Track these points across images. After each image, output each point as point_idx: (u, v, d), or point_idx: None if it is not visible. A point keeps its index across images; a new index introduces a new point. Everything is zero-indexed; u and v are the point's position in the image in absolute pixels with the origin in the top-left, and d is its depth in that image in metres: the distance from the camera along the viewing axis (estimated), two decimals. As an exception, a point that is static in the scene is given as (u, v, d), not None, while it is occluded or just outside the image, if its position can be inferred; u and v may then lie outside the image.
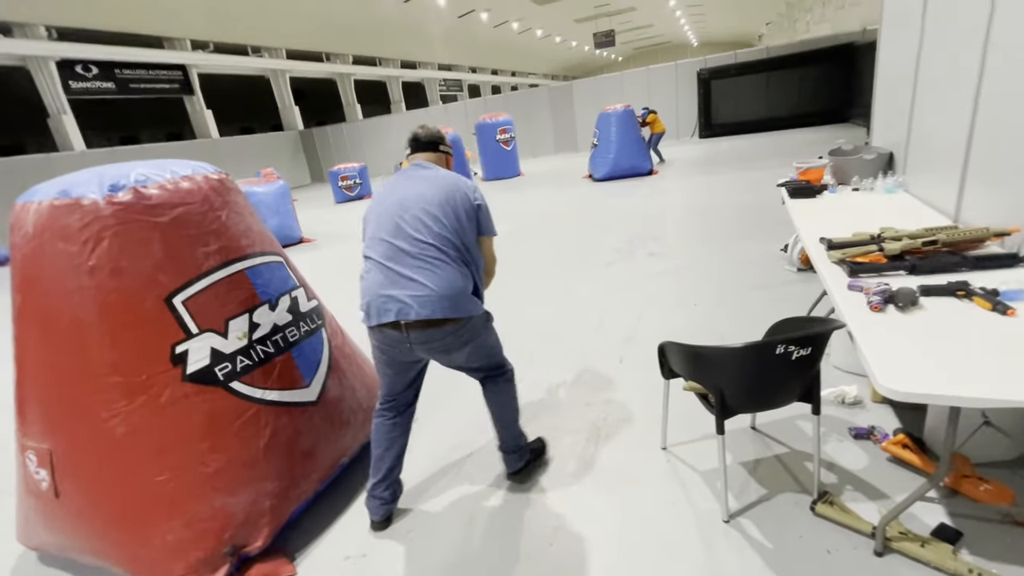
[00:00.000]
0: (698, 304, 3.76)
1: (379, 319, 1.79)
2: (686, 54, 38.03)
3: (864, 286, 1.85)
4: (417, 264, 1.77)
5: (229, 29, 16.52)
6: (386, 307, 1.77)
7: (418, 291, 1.74)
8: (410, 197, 1.86)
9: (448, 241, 1.81)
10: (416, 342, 1.81)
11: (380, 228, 1.86)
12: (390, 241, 1.81)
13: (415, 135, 2.08)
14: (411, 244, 1.79)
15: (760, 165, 9.07)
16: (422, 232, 1.79)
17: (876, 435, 2.13)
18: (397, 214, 1.84)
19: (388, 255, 1.81)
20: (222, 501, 1.80)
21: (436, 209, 1.83)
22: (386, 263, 1.80)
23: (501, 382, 2.09)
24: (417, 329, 1.77)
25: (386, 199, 1.92)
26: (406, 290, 1.75)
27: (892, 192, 3.16)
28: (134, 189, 1.77)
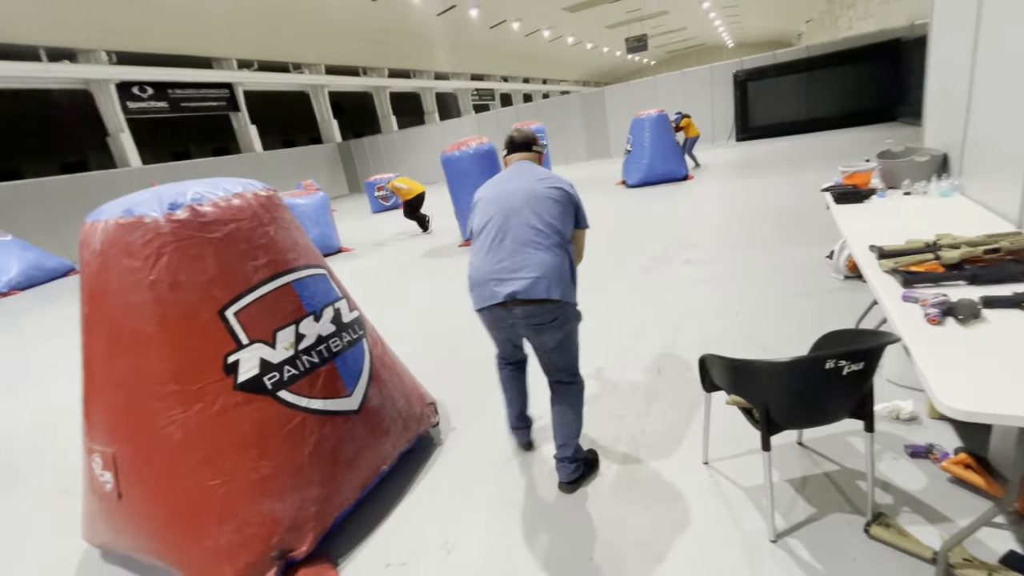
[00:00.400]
0: (739, 313, 3.66)
1: (488, 302, 1.98)
2: (721, 56, 37.31)
3: (920, 297, 1.76)
4: (525, 249, 1.96)
5: (272, 48, 17.26)
6: (493, 290, 1.96)
7: (525, 273, 1.92)
8: (519, 191, 2.06)
9: (553, 229, 2.00)
10: (519, 318, 1.98)
11: (491, 218, 2.05)
12: (497, 231, 2.01)
13: (511, 137, 2.32)
14: (520, 232, 1.98)
15: (802, 167, 8.78)
16: (532, 221, 1.99)
17: (935, 454, 2.01)
18: (508, 205, 2.04)
19: (495, 242, 2.00)
20: (270, 506, 1.87)
21: (543, 202, 2.03)
22: (493, 250, 1.99)
23: (573, 390, 2.19)
24: (522, 306, 1.95)
25: (496, 192, 2.12)
26: (514, 273, 1.93)
27: (948, 196, 3.00)
28: (190, 207, 1.88)
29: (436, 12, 17.96)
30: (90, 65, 13.62)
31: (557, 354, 2.09)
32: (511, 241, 1.97)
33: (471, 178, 7.10)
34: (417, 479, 2.46)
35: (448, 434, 2.81)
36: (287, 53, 18.33)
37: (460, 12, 18.24)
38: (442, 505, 2.27)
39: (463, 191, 7.23)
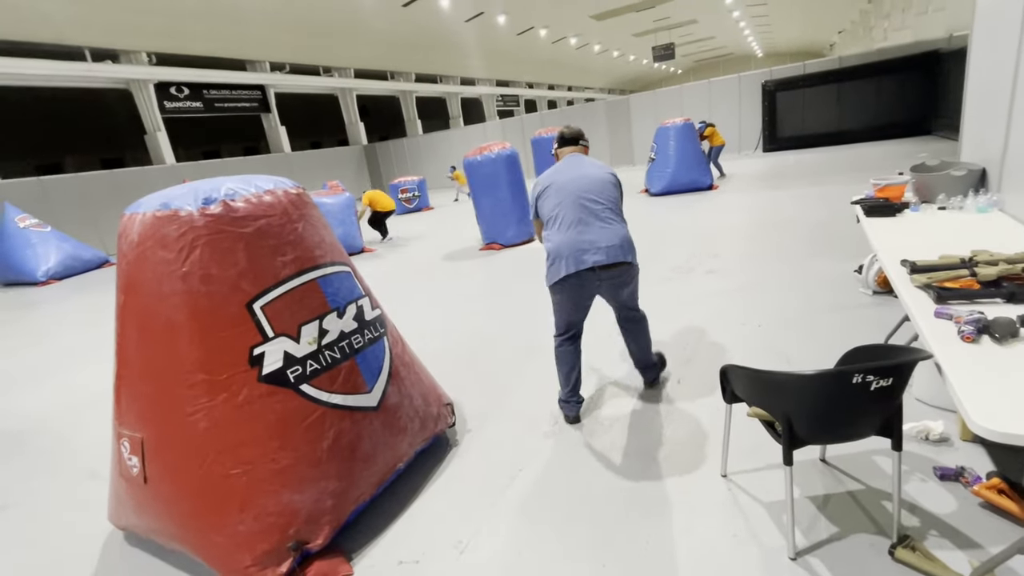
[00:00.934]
0: (762, 325, 3.60)
1: (579, 267, 2.39)
2: (750, 66, 36.86)
3: (954, 314, 1.71)
4: (600, 224, 2.43)
5: (305, 52, 17.68)
6: (581, 258, 2.38)
7: (607, 243, 2.40)
8: (583, 178, 2.51)
9: (617, 206, 2.55)
10: (604, 279, 2.46)
11: (561, 202, 2.48)
12: (574, 211, 2.44)
13: (562, 134, 2.76)
14: (592, 211, 2.44)
15: (831, 179, 8.60)
16: (598, 201, 2.47)
17: (966, 477, 1.94)
18: (576, 191, 2.48)
19: (575, 220, 2.43)
20: (289, 497, 1.90)
21: (601, 185, 2.51)
22: (575, 226, 2.42)
23: (642, 318, 2.78)
24: (607, 270, 2.42)
25: (561, 180, 2.53)
26: (596, 244, 2.39)
27: (985, 211, 2.91)
28: (224, 202, 1.93)
29: (464, 18, 18.17)
30: (131, 66, 14.15)
31: (631, 299, 2.68)
32: (590, 218, 2.43)
33: (493, 183, 7.15)
34: (432, 478, 2.47)
35: (464, 435, 2.82)
36: (318, 57, 18.75)
37: (488, 19, 18.42)
38: (456, 505, 2.27)
39: (485, 195, 7.28)
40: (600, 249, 2.39)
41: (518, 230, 7.37)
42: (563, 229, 2.44)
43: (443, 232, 9.87)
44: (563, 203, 2.46)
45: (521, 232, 7.40)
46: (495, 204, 7.28)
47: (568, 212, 2.44)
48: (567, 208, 2.45)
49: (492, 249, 7.40)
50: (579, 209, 2.44)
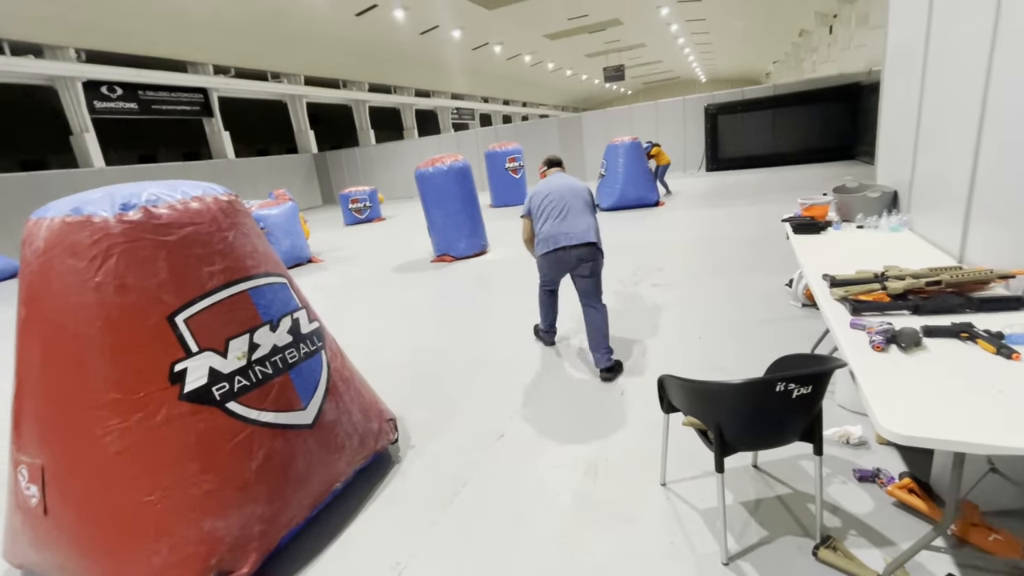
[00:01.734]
0: (702, 337, 3.74)
1: (558, 244, 3.25)
2: (694, 90, 38.73)
3: (867, 325, 1.83)
4: (575, 218, 3.28)
5: (252, 56, 17.09)
6: (559, 240, 3.24)
7: (582, 229, 3.25)
8: (567, 187, 3.40)
9: (590, 206, 3.41)
10: (575, 255, 3.25)
11: (551, 204, 3.33)
12: (559, 207, 3.31)
13: (550, 159, 3.80)
14: (576, 208, 3.31)
15: (766, 199, 9.12)
16: (580, 202, 3.35)
17: (881, 478, 2.07)
18: (563, 195, 3.35)
19: (562, 214, 3.29)
20: (211, 524, 1.77)
21: (582, 192, 3.43)
22: (557, 218, 3.29)
23: (602, 309, 3.36)
24: (577, 248, 3.23)
25: (550, 190, 3.40)
26: (572, 226, 3.25)
27: (896, 230, 3.16)
28: (144, 208, 1.81)
29: (420, 31, 18.18)
30: (57, 62, 13.18)
31: (592, 281, 3.31)
32: (571, 214, 3.28)
33: (445, 195, 7.11)
34: (372, 497, 2.39)
35: (407, 451, 2.75)
36: (266, 62, 18.18)
37: (443, 32, 18.50)
38: (396, 525, 2.20)
39: (437, 207, 7.23)
40: (572, 235, 3.24)
41: (470, 243, 7.35)
42: (551, 220, 3.31)
43: (394, 243, 9.71)
44: (554, 203, 3.34)
45: (473, 244, 7.38)
46: (446, 216, 7.24)
47: (555, 210, 3.31)
48: (556, 207, 3.32)
49: (443, 261, 7.34)
50: (565, 208, 3.31)
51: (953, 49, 2.63)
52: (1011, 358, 1.53)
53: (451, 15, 17.05)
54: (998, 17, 2.13)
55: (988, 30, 2.20)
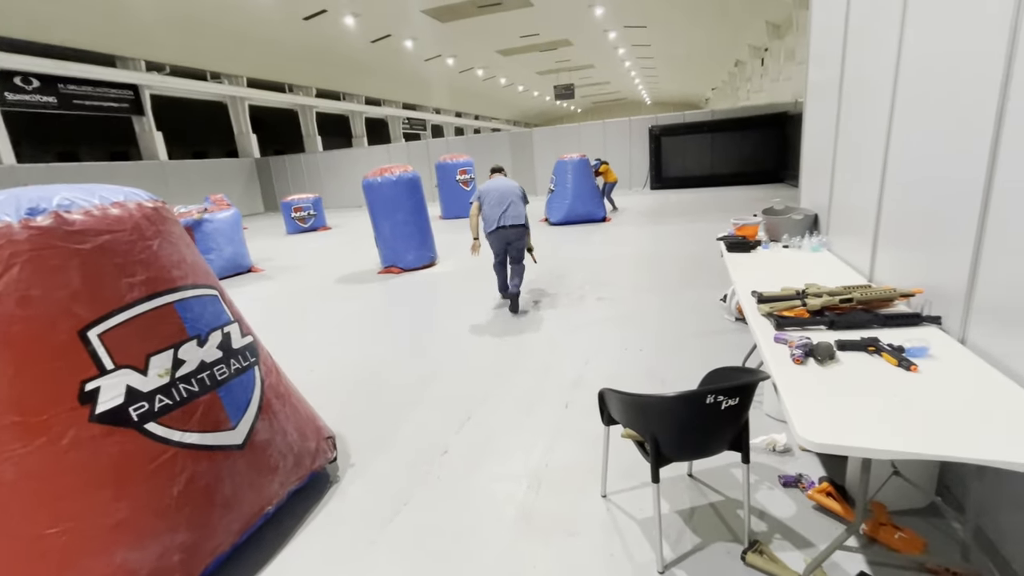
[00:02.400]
0: (643, 349, 3.86)
1: (499, 224, 4.65)
2: (640, 111, 40.27)
3: (788, 339, 1.96)
4: (514, 205, 4.72)
5: (189, 53, 16.27)
6: (503, 220, 4.63)
7: (515, 214, 4.70)
8: (505, 186, 4.82)
9: (521, 199, 4.85)
10: (512, 233, 4.71)
11: (496, 197, 4.72)
12: (502, 200, 4.70)
13: (495, 167, 5.38)
14: (511, 199, 4.72)
15: (704, 217, 9.61)
16: (515, 196, 4.78)
17: (803, 483, 2.21)
18: (503, 191, 4.75)
19: (501, 203, 4.68)
20: (123, 556, 1.64)
21: (516, 189, 4.85)
22: (501, 207, 4.67)
23: (521, 267, 4.98)
24: (513, 228, 4.68)
25: (495, 187, 4.80)
26: (510, 213, 4.67)
27: (817, 251, 3.41)
28: (55, 213, 1.68)
29: (371, 39, 17.97)
30: (-39, 48, 12.01)
31: (520, 249, 4.87)
32: (510, 206, 4.71)
33: (393, 205, 7.01)
34: (308, 519, 2.28)
35: (347, 470, 2.65)
36: (206, 61, 17.36)
37: (395, 42, 18.38)
38: (334, 547, 2.11)
39: (384, 218, 7.11)
40: (508, 217, 4.70)
41: (418, 254, 7.27)
42: (494, 208, 4.73)
43: (339, 254, 9.44)
44: (497, 196, 4.77)
45: (421, 256, 7.31)
46: (394, 227, 7.13)
47: (497, 200, 4.75)
48: (497, 198, 4.75)
49: (391, 273, 7.21)
50: (504, 200, 4.75)
51: (862, 91, 2.90)
52: (910, 370, 1.68)
53: (404, 25, 16.98)
54: (898, 65, 2.37)
55: (891, 71, 2.44)
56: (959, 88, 1.90)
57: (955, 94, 1.92)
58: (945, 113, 2.00)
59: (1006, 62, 1.62)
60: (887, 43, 2.48)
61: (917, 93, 2.24)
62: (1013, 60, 1.60)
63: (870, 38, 2.77)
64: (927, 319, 2.04)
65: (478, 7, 15.93)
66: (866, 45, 2.85)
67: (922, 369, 1.69)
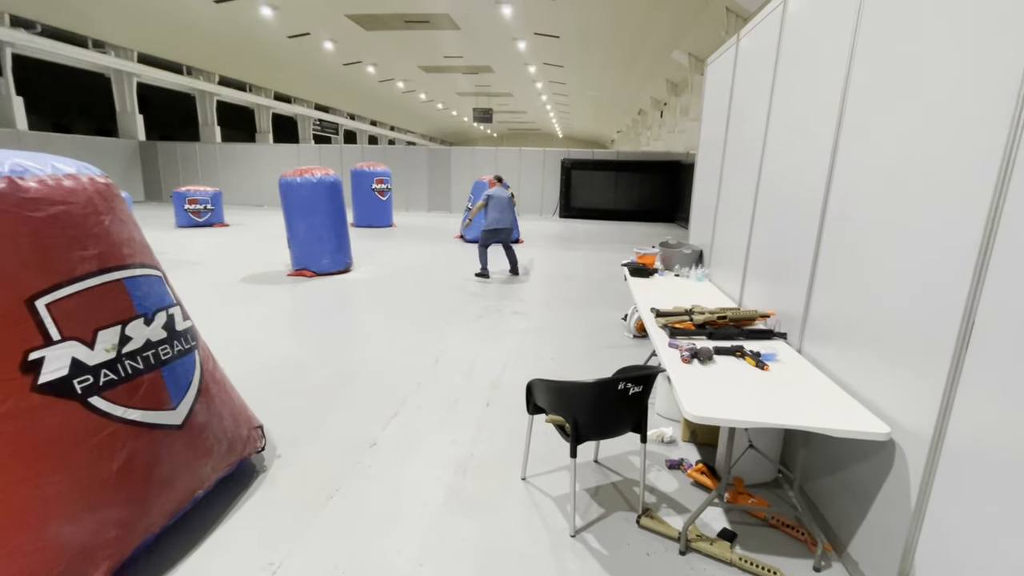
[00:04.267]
0: (555, 359, 4.27)
1: (499, 225, 7.04)
2: (551, 143, 42.48)
3: (679, 345, 2.44)
4: (509, 213, 7.14)
5: (70, 14, 14.45)
6: (501, 223, 7.05)
7: (509, 220, 7.14)
8: (505, 197, 7.13)
9: (512, 207, 7.26)
10: (505, 233, 7.15)
11: (500, 205, 7.06)
12: (503, 208, 7.06)
13: (498, 176, 7.78)
14: (507, 207, 7.12)
15: (607, 247, 10.55)
16: (509, 204, 7.18)
17: (684, 465, 2.69)
18: (504, 202, 7.10)
19: (503, 211, 7.05)
20: (57, 530, 1.61)
21: (509, 199, 7.22)
22: (502, 214, 7.03)
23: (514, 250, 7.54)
24: (507, 230, 7.17)
25: (501, 196, 7.09)
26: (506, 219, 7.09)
27: (701, 280, 4.08)
28: (9, 179, 1.65)
29: (288, 34, 17.28)
30: None
31: (508, 239, 7.29)
32: (506, 212, 7.06)
33: (311, 208, 6.90)
34: (236, 506, 2.31)
35: (273, 461, 2.69)
36: (89, 26, 15.51)
37: (314, 41, 17.85)
38: (266, 530, 2.17)
39: (301, 219, 6.95)
40: (504, 222, 6.99)
41: (334, 259, 7.18)
42: (496, 213, 6.95)
43: (243, 252, 8.93)
44: (499, 203, 6.99)
45: (337, 261, 7.22)
46: (310, 230, 6.99)
47: (500, 207, 6.98)
48: (500, 206, 6.99)
49: (302, 275, 7.03)
50: (503, 208, 6.99)
51: (740, 151, 3.62)
52: (763, 369, 2.22)
53: (325, 26, 16.59)
54: (767, 132, 3.05)
55: (760, 138, 3.12)
56: (807, 159, 2.54)
57: (804, 163, 2.57)
58: (794, 178, 2.65)
59: (833, 141, 2.26)
60: (758, 115, 3.17)
61: (777, 159, 2.91)
62: (839, 138, 2.23)
63: (747, 110, 3.49)
64: (777, 334, 2.64)
65: (405, 22, 16.11)
66: (744, 115, 3.57)
67: (772, 369, 2.23)
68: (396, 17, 15.52)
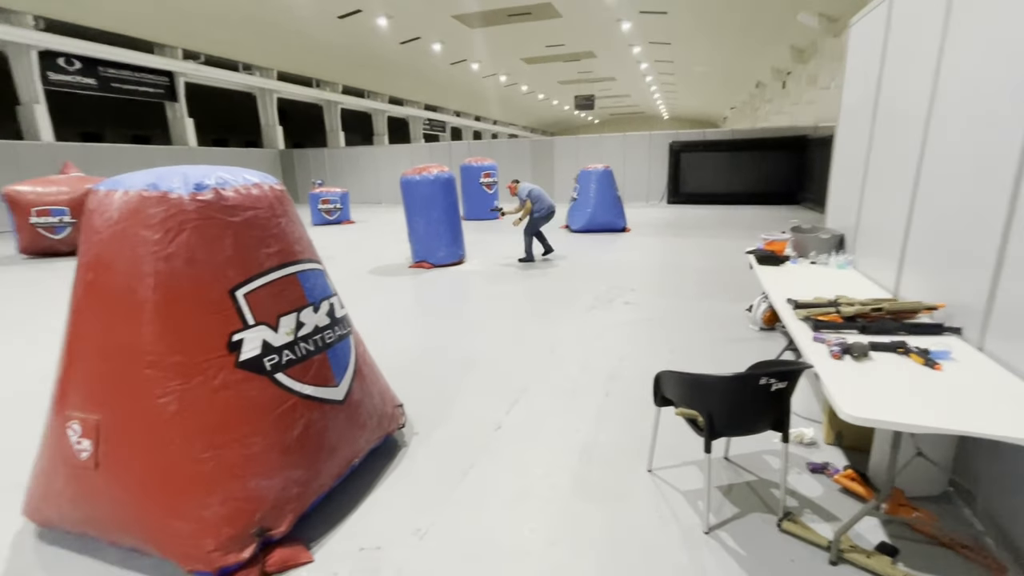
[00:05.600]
0: (673, 351, 4.13)
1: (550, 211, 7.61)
2: (656, 125, 40.59)
3: (826, 339, 2.24)
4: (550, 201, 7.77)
5: (225, 44, 16.73)
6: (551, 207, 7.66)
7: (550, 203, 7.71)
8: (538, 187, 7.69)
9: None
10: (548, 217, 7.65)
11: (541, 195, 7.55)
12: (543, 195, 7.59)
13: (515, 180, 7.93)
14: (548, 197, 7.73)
15: (722, 233, 9.89)
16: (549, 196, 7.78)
17: (829, 470, 2.48)
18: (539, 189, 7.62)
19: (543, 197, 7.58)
20: (256, 483, 1.92)
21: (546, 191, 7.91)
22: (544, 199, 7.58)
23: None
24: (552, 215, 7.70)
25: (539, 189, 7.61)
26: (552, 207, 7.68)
27: (843, 268, 3.69)
28: (215, 190, 1.98)
29: (400, 40, 18.39)
30: (11, 27, 12.47)
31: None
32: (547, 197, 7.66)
33: (430, 203, 7.33)
34: (384, 475, 2.57)
35: (412, 438, 2.94)
36: (240, 52, 17.83)
37: (424, 44, 18.80)
38: (411, 499, 2.39)
39: (419, 215, 7.43)
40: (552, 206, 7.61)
41: (449, 251, 7.58)
42: (542, 202, 7.50)
43: (368, 247, 9.76)
44: (540, 194, 7.50)
45: (452, 254, 7.61)
46: (428, 224, 7.44)
47: (541, 196, 7.53)
48: (541, 195, 7.51)
49: (421, 267, 7.51)
50: (542, 194, 7.56)
51: (897, 117, 3.19)
52: (934, 368, 1.96)
53: (434, 29, 17.40)
54: (935, 90, 2.65)
55: (926, 103, 2.73)
56: (992, 118, 2.18)
57: (990, 124, 2.20)
58: (975, 142, 2.28)
59: (1031, 111, 1.91)
60: (922, 76, 2.76)
61: (950, 124, 2.52)
62: (1037, 109, 1.88)
63: (906, 71, 3.06)
64: (948, 329, 2.31)
65: (508, 16, 16.34)
66: (902, 77, 3.14)
67: (945, 369, 1.96)
68: (499, 12, 15.80)
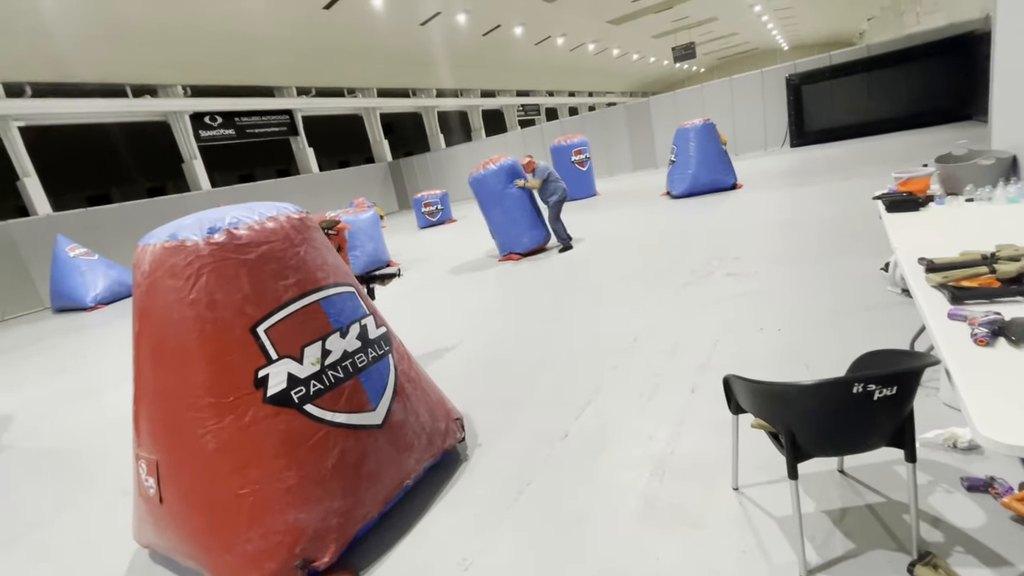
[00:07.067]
0: (782, 329, 3.48)
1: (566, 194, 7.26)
2: (775, 60, 35.83)
3: (969, 315, 1.61)
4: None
5: (329, 75, 18.29)
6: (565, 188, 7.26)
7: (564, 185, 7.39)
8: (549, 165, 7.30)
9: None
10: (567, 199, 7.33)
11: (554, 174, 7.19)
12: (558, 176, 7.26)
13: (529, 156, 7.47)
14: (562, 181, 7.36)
15: (859, 173, 8.27)
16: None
17: (996, 488, 1.82)
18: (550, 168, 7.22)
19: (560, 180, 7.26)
20: (295, 516, 1.94)
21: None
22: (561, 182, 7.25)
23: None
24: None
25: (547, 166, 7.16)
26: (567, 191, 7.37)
27: (1015, 201, 2.74)
28: (227, 231, 2.01)
29: (482, 32, 18.44)
30: (168, 99, 14.93)
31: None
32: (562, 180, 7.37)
33: (499, 194, 7.20)
34: (441, 494, 2.49)
35: (475, 449, 2.82)
36: (342, 79, 19.36)
37: (505, 31, 18.64)
38: (464, 521, 2.27)
39: (493, 207, 7.34)
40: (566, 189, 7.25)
41: (532, 236, 7.38)
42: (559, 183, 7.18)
43: (462, 244, 9.96)
44: (553, 173, 7.12)
45: (536, 237, 7.40)
46: (503, 214, 7.31)
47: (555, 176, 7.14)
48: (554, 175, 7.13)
49: (511, 260, 7.42)
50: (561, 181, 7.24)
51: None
52: None
53: (512, 13, 17.14)
54: None
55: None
56: None
57: None
58: None
59: None
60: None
61: None
62: None
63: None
64: None
65: (585, -22, 15.45)
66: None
67: None
68: (574, -23, 15.00)
